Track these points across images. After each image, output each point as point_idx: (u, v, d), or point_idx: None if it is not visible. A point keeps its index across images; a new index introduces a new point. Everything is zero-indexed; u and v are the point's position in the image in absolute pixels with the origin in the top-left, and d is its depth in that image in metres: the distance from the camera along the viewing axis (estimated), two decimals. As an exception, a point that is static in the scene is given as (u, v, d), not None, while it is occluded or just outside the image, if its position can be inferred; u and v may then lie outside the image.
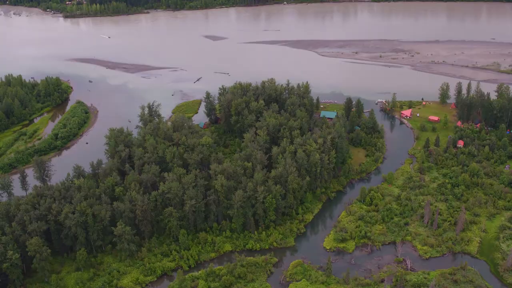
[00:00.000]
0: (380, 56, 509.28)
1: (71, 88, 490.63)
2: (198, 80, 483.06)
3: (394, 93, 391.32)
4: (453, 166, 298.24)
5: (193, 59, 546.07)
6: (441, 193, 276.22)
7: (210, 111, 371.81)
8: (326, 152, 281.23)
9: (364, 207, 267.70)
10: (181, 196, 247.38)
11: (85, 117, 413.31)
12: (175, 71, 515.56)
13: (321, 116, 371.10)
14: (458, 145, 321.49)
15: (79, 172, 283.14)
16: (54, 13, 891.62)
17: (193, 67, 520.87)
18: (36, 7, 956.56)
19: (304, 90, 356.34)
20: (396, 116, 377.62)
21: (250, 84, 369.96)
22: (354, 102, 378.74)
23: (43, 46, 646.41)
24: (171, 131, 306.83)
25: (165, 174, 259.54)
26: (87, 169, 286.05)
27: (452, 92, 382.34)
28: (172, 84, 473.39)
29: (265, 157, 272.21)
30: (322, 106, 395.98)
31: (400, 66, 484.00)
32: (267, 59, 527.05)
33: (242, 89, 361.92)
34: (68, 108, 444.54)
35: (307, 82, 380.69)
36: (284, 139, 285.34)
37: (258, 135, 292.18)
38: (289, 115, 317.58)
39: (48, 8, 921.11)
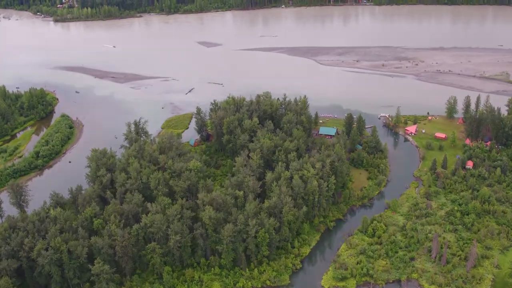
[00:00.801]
0: (383, 65, 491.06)
1: (57, 99, 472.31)
2: (190, 91, 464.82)
3: (398, 107, 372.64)
4: (462, 191, 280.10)
5: (186, 68, 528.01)
6: (450, 222, 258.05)
7: (201, 127, 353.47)
8: (325, 178, 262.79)
9: (366, 238, 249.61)
10: (165, 231, 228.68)
11: (69, 132, 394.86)
12: (166, 81, 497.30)
13: (320, 132, 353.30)
14: (467, 166, 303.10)
15: (56, 200, 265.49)
16: (44, 17, 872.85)
17: (185, 76, 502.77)
18: (26, 10, 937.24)
19: (301, 106, 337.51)
20: (400, 133, 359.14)
21: (244, 99, 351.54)
22: (355, 117, 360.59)
23: (31, 53, 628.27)
24: (157, 153, 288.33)
25: (148, 205, 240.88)
26: (68, 193, 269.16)
27: (460, 106, 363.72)
28: (163, 96, 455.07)
29: (258, 184, 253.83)
30: (321, 121, 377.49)
31: (403, 75, 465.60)
32: (263, 68, 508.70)
33: (235, 104, 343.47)
34: (53, 121, 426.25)
35: (305, 96, 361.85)
36: (279, 163, 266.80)
37: (251, 158, 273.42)
38: (285, 135, 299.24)
39: (38, 12, 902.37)
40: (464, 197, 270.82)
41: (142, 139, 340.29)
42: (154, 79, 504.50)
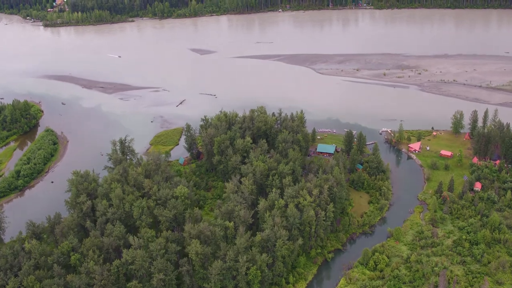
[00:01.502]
0: (384, 74, 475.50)
1: (42, 111, 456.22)
2: (181, 103, 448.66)
3: (401, 122, 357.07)
4: (470, 217, 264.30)
5: (178, 77, 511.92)
6: (458, 253, 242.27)
7: (191, 145, 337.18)
8: (323, 206, 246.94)
9: (367, 272, 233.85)
10: (147, 268, 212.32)
11: (52, 149, 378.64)
12: (157, 91, 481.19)
13: (318, 150, 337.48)
14: (475, 188, 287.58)
15: (32, 230, 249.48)
16: (34, 21, 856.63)
17: (176, 86, 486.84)
18: (16, 14, 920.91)
19: (298, 122, 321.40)
20: (403, 150, 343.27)
21: (236, 115, 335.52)
22: (355, 133, 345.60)
23: (17, 60, 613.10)
24: (142, 177, 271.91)
25: (130, 239, 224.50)
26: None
27: (466, 121, 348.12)
28: (152, 108, 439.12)
29: (249, 214, 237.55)
30: (319, 137, 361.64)
31: (406, 86, 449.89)
32: (258, 78, 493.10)
33: (227, 121, 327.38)
34: (37, 135, 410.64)
35: (301, 112, 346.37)
36: (274, 189, 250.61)
37: (243, 184, 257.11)
38: (279, 156, 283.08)
39: (28, 16, 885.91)
40: (472, 225, 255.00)
41: (128, 158, 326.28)
42: (144, 89, 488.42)
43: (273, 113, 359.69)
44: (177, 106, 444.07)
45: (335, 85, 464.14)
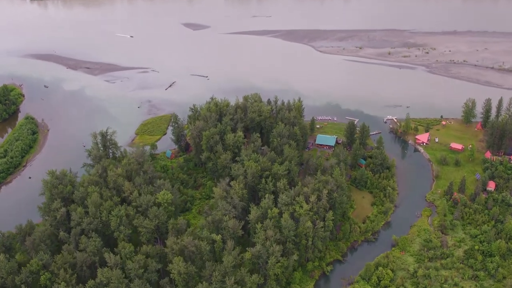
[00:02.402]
0: (389, 53, 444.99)
1: (23, 96, 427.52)
2: (170, 85, 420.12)
3: (408, 108, 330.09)
4: (484, 223, 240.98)
5: (168, 56, 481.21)
6: (469, 265, 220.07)
7: (178, 137, 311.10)
8: (321, 213, 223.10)
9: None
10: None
11: (31, 139, 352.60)
12: (145, 72, 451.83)
13: (317, 142, 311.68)
14: (489, 188, 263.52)
15: (2, 242, 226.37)
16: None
17: (166, 66, 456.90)
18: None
19: (295, 113, 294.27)
20: (409, 142, 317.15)
21: (227, 104, 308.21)
22: (357, 121, 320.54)
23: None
24: (122, 179, 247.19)
25: (106, 256, 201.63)
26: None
27: (478, 109, 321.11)
28: (140, 92, 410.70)
29: (239, 225, 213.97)
30: (318, 126, 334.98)
31: (413, 67, 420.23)
32: (254, 57, 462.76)
33: (218, 111, 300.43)
34: (17, 123, 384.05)
35: (299, 100, 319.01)
36: (267, 195, 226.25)
37: (233, 188, 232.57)
38: (274, 154, 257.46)
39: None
40: (486, 233, 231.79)
41: (110, 152, 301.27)
42: (132, 70, 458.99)
43: (269, 100, 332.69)
44: (166, 89, 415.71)
45: (335, 66, 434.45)
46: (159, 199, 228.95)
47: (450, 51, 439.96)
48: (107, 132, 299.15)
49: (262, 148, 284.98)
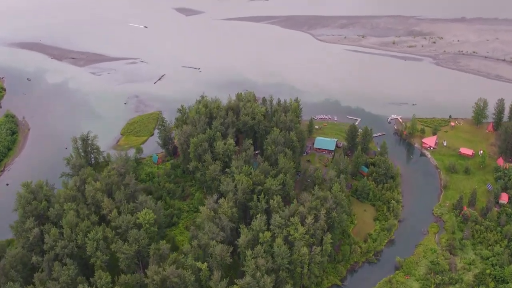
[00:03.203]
0: (393, 43, 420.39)
1: (4, 90, 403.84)
2: (160, 79, 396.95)
3: (414, 106, 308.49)
4: (496, 242, 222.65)
5: (158, 45, 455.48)
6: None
7: (165, 140, 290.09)
8: (318, 236, 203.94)
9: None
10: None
11: (10, 141, 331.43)
12: (134, 63, 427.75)
13: (315, 146, 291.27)
14: (501, 201, 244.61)
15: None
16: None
17: (156, 57, 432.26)
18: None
19: (291, 117, 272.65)
20: (415, 145, 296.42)
21: (218, 105, 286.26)
22: (359, 121, 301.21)
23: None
24: (100, 195, 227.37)
25: (80, 287, 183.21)
26: None
27: (490, 109, 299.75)
28: (127, 86, 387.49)
29: (227, 250, 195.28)
30: (317, 127, 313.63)
31: (419, 58, 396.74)
32: (249, 47, 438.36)
33: (208, 113, 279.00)
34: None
35: (297, 100, 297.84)
36: (259, 216, 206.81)
37: (221, 206, 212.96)
38: (267, 166, 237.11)
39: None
40: (499, 256, 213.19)
41: (92, 157, 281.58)
42: (120, 60, 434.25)
43: (264, 98, 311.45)
44: (155, 82, 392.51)
45: (336, 57, 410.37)
46: (140, 220, 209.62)
47: (458, 40, 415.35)
48: (88, 137, 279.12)
49: (256, 152, 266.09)
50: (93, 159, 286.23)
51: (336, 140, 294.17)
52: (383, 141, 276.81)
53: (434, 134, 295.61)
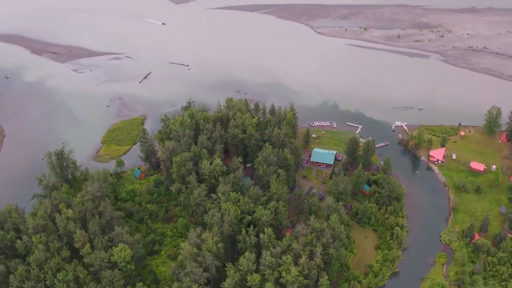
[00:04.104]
0: (398, 36, 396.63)
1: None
2: (145, 77, 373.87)
3: (421, 124, 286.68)
4: (511, 277, 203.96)
5: (145, 38, 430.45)
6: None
7: (148, 154, 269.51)
8: (313, 276, 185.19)
9: None
10: None
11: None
12: (118, 59, 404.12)
13: (312, 159, 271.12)
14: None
15: None
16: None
17: (142, 52, 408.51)
18: None
19: (286, 130, 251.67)
20: (422, 158, 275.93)
21: (205, 115, 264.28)
22: (360, 129, 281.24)
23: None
24: (73, 225, 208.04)
25: None
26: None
27: (504, 118, 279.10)
28: (110, 86, 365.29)
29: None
30: (314, 135, 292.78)
31: (426, 54, 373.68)
32: (242, 41, 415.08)
33: (193, 125, 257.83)
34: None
35: (292, 108, 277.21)
36: (247, 254, 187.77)
37: (205, 241, 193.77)
38: (257, 192, 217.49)
39: None
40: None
41: (68, 173, 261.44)
42: (104, 56, 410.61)
43: (256, 104, 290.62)
44: (140, 82, 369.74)
45: (336, 53, 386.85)
46: (115, 257, 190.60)
47: (468, 34, 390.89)
48: (63, 151, 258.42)
49: (248, 166, 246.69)
50: (69, 174, 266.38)
51: (335, 152, 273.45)
52: (387, 158, 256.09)
53: (442, 146, 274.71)
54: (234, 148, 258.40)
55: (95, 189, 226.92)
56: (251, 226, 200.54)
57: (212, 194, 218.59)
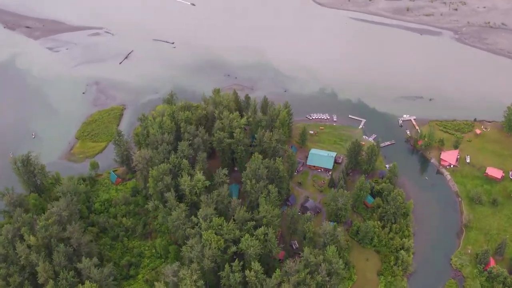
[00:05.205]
0: (408, 9, 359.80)
1: None
2: (126, 57, 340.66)
3: (430, 123, 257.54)
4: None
5: (126, 11, 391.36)
6: None
7: (124, 158, 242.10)
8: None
9: None
10: None
11: None
12: (97, 35, 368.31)
13: (308, 163, 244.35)
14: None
15: None
16: None
17: (123, 26, 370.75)
18: None
19: (278, 135, 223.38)
20: (432, 160, 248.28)
21: (187, 113, 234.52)
22: (363, 122, 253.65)
23: None
24: (35, 256, 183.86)
25: None
26: None
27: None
28: (87, 67, 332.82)
29: None
30: (311, 132, 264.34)
31: (437, 31, 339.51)
32: (232, 13, 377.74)
33: (173, 128, 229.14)
34: None
35: (286, 106, 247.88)
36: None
37: (183, 279, 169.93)
38: (245, 213, 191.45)
39: None
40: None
41: (37, 180, 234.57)
42: (82, 31, 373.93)
43: (247, 96, 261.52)
44: (120, 63, 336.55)
45: (337, 29, 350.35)
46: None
47: (484, 7, 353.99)
48: (29, 157, 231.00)
49: (236, 169, 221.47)
50: (38, 181, 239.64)
51: (335, 155, 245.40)
52: (394, 165, 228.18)
53: (455, 147, 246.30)
54: (220, 153, 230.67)
55: (61, 208, 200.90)
56: (236, 260, 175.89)
57: (193, 217, 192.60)
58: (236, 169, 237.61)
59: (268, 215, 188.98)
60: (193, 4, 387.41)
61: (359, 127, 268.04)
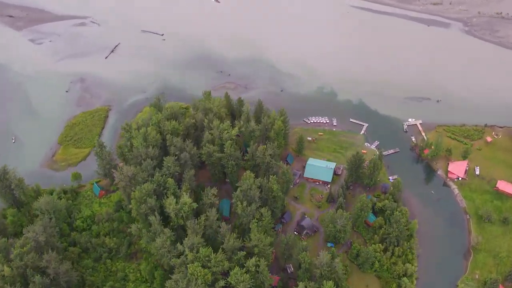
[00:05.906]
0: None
1: None
2: (113, 50, 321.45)
3: (439, 136, 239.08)
4: None
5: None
6: None
7: (106, 171, 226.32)
8: None
9: None
10: None
11: None
12: (83, 25, 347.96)
13: (306, 175, 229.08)
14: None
15: None
16: None
17: (110, 15, 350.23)
18: None
19: (273, 149, 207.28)
20: (438, 172, 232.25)
21: (174, 124, 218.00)
22: (365, 127, 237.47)
23: None
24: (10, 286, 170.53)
25: None
26: None
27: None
28: (71, 62, 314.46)
29: None
30: (309, 139, 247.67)
31: (445, 22, 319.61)
32: (225, 4, 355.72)
33: (158, 140, 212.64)
34: None
35: (282, 113, 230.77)
36: None
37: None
38: (234, 242, 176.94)
39: None
40: None
41: (16, 193, 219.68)
42: (67, 21, 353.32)
43: (240, 99, 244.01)
44: (106, 57, 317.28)
45: (336, 20, 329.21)
46: None
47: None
48: (6, 171, 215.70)
49: (227, 181, 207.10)
50: (17, 195, 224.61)
51: (334, 165, 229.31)
52: (398, 180, 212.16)
53: (464, 157, 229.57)
54: (210, 166, 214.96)
55: (37, 233, 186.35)
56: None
57: (178, 245, 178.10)
58: (227, 180, 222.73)
59: (260, 244, 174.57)
60: (218, 1, 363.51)
61: (361, 133, 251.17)
